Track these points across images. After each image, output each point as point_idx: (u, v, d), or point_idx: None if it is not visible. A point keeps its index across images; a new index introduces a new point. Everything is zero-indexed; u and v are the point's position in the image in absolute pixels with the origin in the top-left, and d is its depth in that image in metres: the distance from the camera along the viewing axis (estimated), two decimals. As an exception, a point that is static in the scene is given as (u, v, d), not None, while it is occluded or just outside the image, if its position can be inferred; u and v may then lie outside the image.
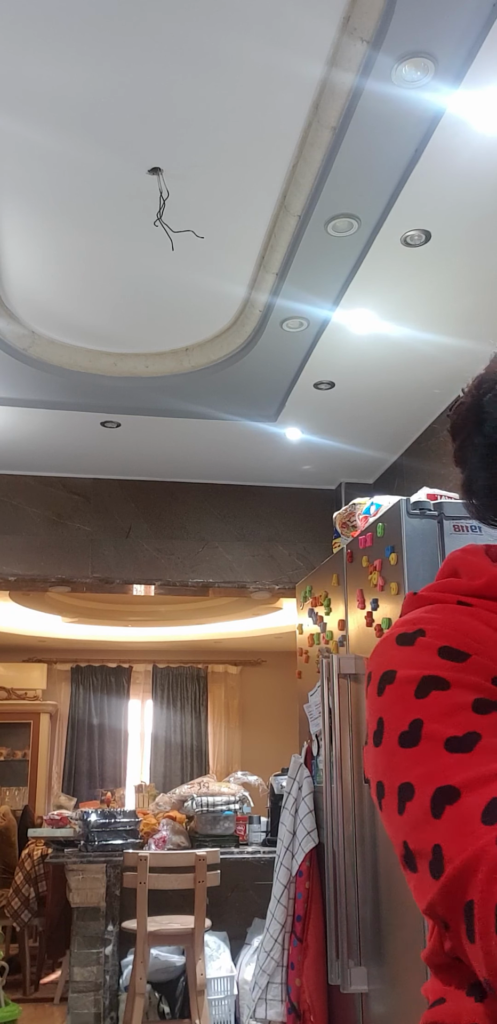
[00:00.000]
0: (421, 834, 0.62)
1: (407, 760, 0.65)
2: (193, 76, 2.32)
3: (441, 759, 0.63)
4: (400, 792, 0.65)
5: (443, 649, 0.68)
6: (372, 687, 0.71)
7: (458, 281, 3.17)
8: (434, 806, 0.61)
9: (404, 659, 0.69)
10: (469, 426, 0.83)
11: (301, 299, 3.28)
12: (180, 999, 3.88)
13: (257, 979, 3.03)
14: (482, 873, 0.57)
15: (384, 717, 0.68)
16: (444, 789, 0.61)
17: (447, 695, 0.65)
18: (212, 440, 4.69)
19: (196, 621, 8.20)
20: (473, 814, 0.59)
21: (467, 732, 0.63)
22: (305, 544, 5.37)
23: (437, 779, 0.62)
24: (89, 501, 5.20)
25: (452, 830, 0.60)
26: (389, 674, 0.69)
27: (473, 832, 0.58)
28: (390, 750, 0.67)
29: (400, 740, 0.66)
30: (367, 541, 2.72)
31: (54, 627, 8.39)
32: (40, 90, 2.36)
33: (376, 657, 0.73)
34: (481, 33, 2.12)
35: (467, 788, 0.60)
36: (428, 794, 0.62)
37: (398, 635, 0.72)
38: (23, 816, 6.72)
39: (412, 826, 0.63)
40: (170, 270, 3.17)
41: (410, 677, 0.67)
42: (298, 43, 2.21)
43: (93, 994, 3.75)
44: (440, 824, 0.61)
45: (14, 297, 3.38)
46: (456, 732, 0.63)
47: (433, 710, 0.65)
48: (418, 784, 0.63)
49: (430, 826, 0.61)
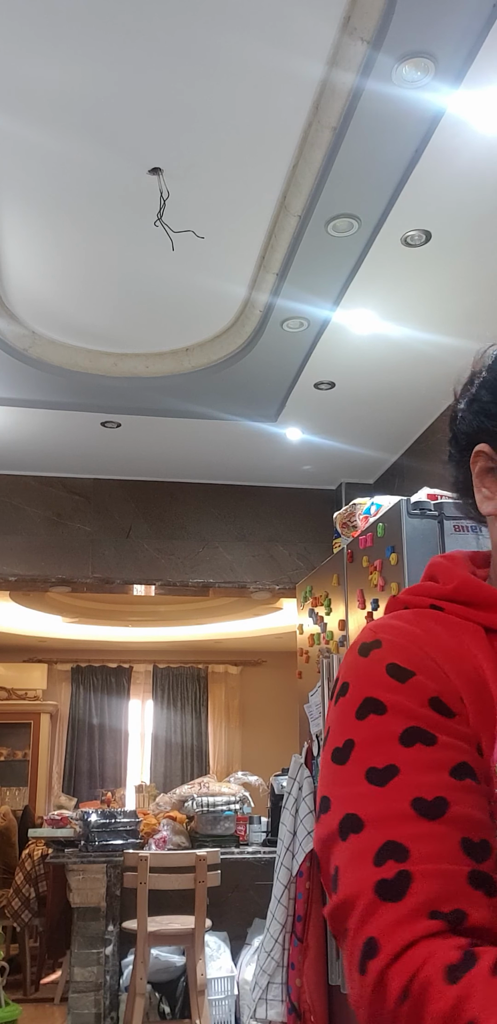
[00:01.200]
0: (327, 849, 0.67)
1: (333, 775, 0.69)
2: (193, 76, 2.32)
3: (359, 786, 0.66)
4: (321, 802, 0.69)
5: (390, 666, 0.70)
6: (334, 694, 0.74)
7: (458, 281, 3.17)
8: (341, 828, 0.65)
9: (357, 672, 0.72)
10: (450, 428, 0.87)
11: (301, 299, 3.28)
12: (180, 999, 3.88)
13: (257, 979, 3.03)
14: (357, 911, 0.61)
15: (331, 727, 0.72)
16: (353, 817, 0.65)
17: (381, 721, 0.68)
18: (212, 440, 4.69)
19: (196, 621, 8.20)
20: (368, 851, 0.62)
21: (387, 765, 0.65)
22: (305, 544, 5.36)
23: (350, 804, 0.66)
24: (89, 501, 5.20)
25: (349, 859, 0.64)
26: (344, 687, 0.73)
27: (363, 869, 0.62)
28: (325, 760, 0.71)
29: (333, 755, 0.70)
30: (367, 541, 2.72)
31: (54, 627, 8.39)
32: (40, 90, 2.36)
33: (342, 664, 0.76)
34: (481, 33, 2.12)
35: (370, 822, 0.64)
36: (339, 815, 0.66)
37: (360, 645, 0.74)
38: (23, 816, 6.72)
39: (322, 838, 0.68)
40: (170, 270, 3.17)
41: (355, 696, 0.70)
42: (298, 43, 2.21)
43: (93, 994, 3.75)
44: (343, 847, 0.65)
45: (14, 297, 3.38)
46: (377, 763, 0.66)
47: (365, 734, 0.68)
48: (334, 802, 0.67)
49: (335, 845, 0.65)
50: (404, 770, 0.65)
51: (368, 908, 0.60)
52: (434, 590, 0.80)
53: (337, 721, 0.71)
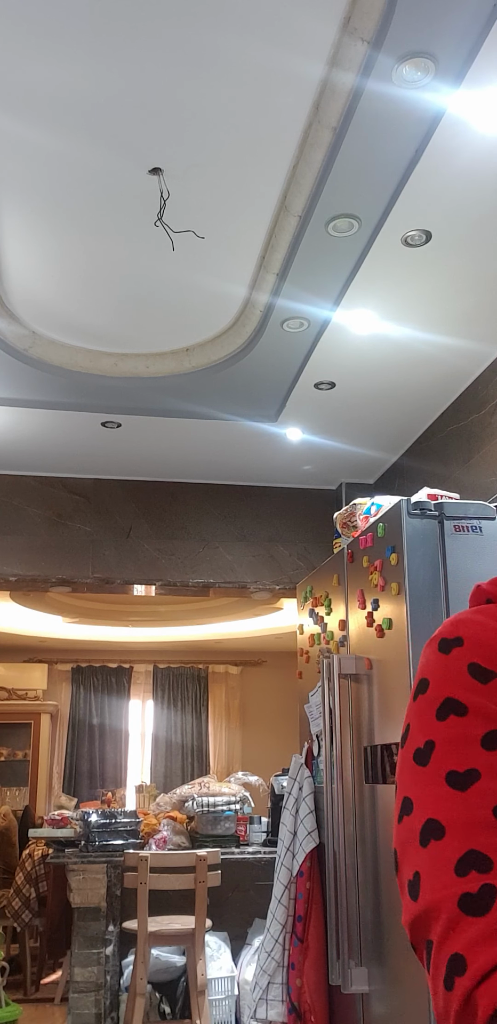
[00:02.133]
0: (408, 852, 0.66)
1: (414, 776, 0.68)
2: (194, 76, 2.32)
3: (439, 789, 0.65)
4: (403, 803, 0.68)
5: (472, 666, 0.69)
6: (413, 689, 0.73)
7: (459, 281, 3.17)
8: (423, 834, 0.64)
9: (438, 670, 0.71)
10: None
11: (302, 299, 3.28)
12: (181, 999, 3.88)
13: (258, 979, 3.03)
14: (440, 924, 0.60)
15: (411, 725, 0.71)
16: (434, 822, 0.64)
17: (462, 723, 0.67)
18: (213, 440, 4.69)
19: (197, 621, 8.20)
20: (450, 859, 0.62)
21: (468, 769, 0.64)
22: (306, 544, 5.36)
23: (431, 809, 0.65)
24: (90, 501, 5.20)
25: (432, 867, 0.63)
26: (423, 683, 0.72)
27: (445, 878, 0.61)
28: (406, 759, 0.70)
29: (414, 755, 0.69)
30: (368, 541, 2.72)
31: (55, 627, 8.39)
32: (41, 90, 2.37)
33: (422, 658, 0.75)
34: (482, 33, 2.12)
35: (452, 828, 0.63)
36: (421, 819, 0.65)
37: (441, 640, 0.73)
38: (24, 816, 6.72)
39: (402, 841, 0.67)
40: (171, 270, 3.17)
41: (436, 695, 0.69)
42: (299, 43, 2.21)
43: (94, 994, 3.75)
44: (424, 853, 0.64)
45: (15, 297, 3.38)
46: (458, 767, 0.65)
47: (446, 735, 0.67)
48: (416, 805, 0.66)
49: (416, 850, 0.65)
50: (486, 775, 0.64)
51: (452, 921, 0.60)
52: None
53: (417, 720, 0.70)
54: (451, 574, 2.40)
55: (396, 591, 2.48)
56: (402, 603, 2.43)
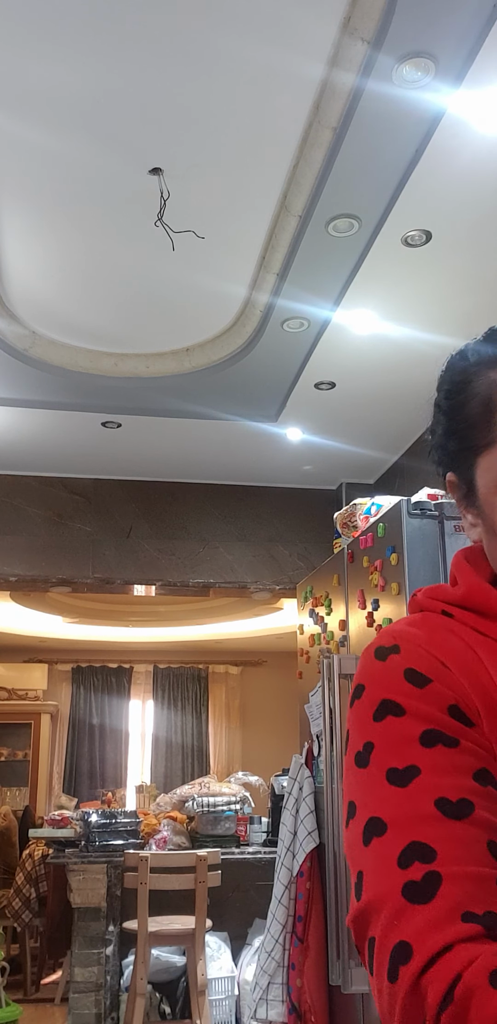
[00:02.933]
0: (353, 855, 0.65)
1: (356, 779, 0.67)
2: (194, 76, 2.32)
3: (380, 788, 0.64)
4: (348, 808, 0.68)
5: (408, 671, 0.69)
6: (350, 696, 0.73)
7: (459, 281, 3.17)
8: (365, 833, 0.64)
9: (374, 676, 0.71)
10: None
11: (302, 299, 3.28)
12: (181, 999, 3.88)
13: (258, 979, 3.03)
14: (384, 915, 0.59)
15: (350, 731, 0.71)
16: (375, 820, 0.63)
17: (399, 723, 0.66)
18: (213, 440, 4.69)
19: (197, 621, 8.20)
20: (392, 853, 0.61)
21: (408, 765, 0.64)
22: (306, 544, 5.36)
23: (372, 808, 0.64)
24: (90, 501, 5.20)
25: (374, 863, 0.62)
26: (359, 688, 0.71)
27: (387, 872, 0.60)
28: (349, 765, 0.70)
29: (355, 758, 0.68)
30: (368, 541, 2.72)
31: (55, 627, 8.39)
32: (40, 90, 2.37)
33: (358, 665, 0.75)
34: (482, 33, 2.12)
35: (393, 824, 0.62)
36: (363, 820, 0.64)
37: (377, 648, 0.73)
38: (24, 816, 6.72)
39: (350, 844, 0.66)
40: (171, 270, 3.17)
41: (372, 698, 0.69)
42: (299, 43, 2.21)
43: (94, 994, 3.75)
44: (367, 852, 0.63)
45: (15, 297, 3.38)
46: (398, 764, 0.64)
47: (384, 736, 0.67)
48: (359, 807, 0.66)
49: (360, 851, 0.64)
50: (425, 771, 0.63)
51: (396, 912, 0.58)
52: (448, 594, 0.77)
53: (355, 724, 0.70)
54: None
55: (396, 591, 2.48)
56: (402, 603, 2.43)
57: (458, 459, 0.78)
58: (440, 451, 0.81)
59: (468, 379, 0.79)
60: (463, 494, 0.79)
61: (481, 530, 0.77)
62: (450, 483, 0.80)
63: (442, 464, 0.82)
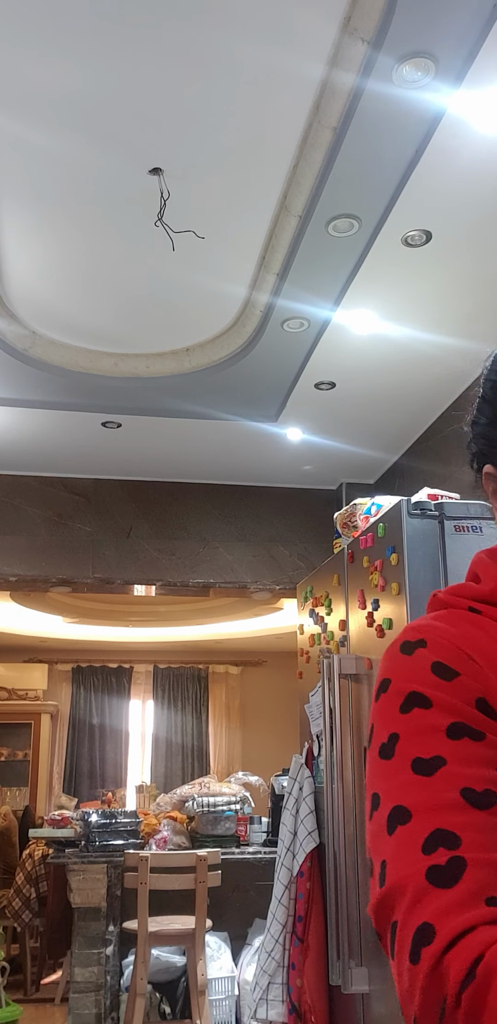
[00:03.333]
0: (377, 845, 0.65)
1: (381, 771, 0.68)
2: (194, 76, 2.32)
3: (405, 777, 0.65)
4: (372, 800, 0.68)
5: (436, 664, 0.69)
6: (374, 691, 0.74)
7: (459, 281, 3.17)
8: (390, 822, 0.64)
9: (400, 670, 0.71)
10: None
11: (302, 299, 3.28)
12: (181, 999, 3.88)
13: (258, 979, 3.03)
14: (407, 898, 0.59)
15: (375, 725, 0.71)
16: (400, 808, 0.64)
17: (426, 714, 0.67)
18: (213, 440, 4.69)
19: (197, 621, 8.20)
20: (416, 839, 0.61)
21: (434, 755, 0.64)
22: (306, 544, 5.36)
23: (397, 796, 0.65)
24: (90, 501, 5.20)
25: (397, 850, 0.62)
26: (385, 683, 0.72)
27: (411, 857, 0.61)
28: (373, 757, 0.70)
29: (380, 750, 0.69)
30: (368, 541, 2.72)
31: (55, 627, 8.39)
32: (41, 90, 2.37)
33: (383, 662, 0.75)
34: (482, 33, 2.12)
35: (418, 812, 0.63)
36: (388, 808, 0.65)
37: (403, 643, 0.74)
38: (24, 816, 6.72)
39: (373, 835, 0.66)
40: (171, 270, 3.17)
41: (399, 690, 0.70)
42: (299, 43, 2.21)
43: (94, 994, 3.75)
44: (390, 841, 0.63)
45: (15, 297, 3.38)
46: (423, 754, 0.65)
47: (410, 727, 0.67)
48: (383, 797, 0.66)
49: (383, 840, 0.64)
50: (451, 761, 0.64)
51: (419, 894, 0.59)
52: (474, 591, 0.78)
53: (380, 717, 0.71)
54: (451, 574, 2.40)
55: (396, 591, 2.48)
56: (402, 603, 2.43)
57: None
58: (482, 441, 0.82)
59: None
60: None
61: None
62: (488, 475, 0.81)
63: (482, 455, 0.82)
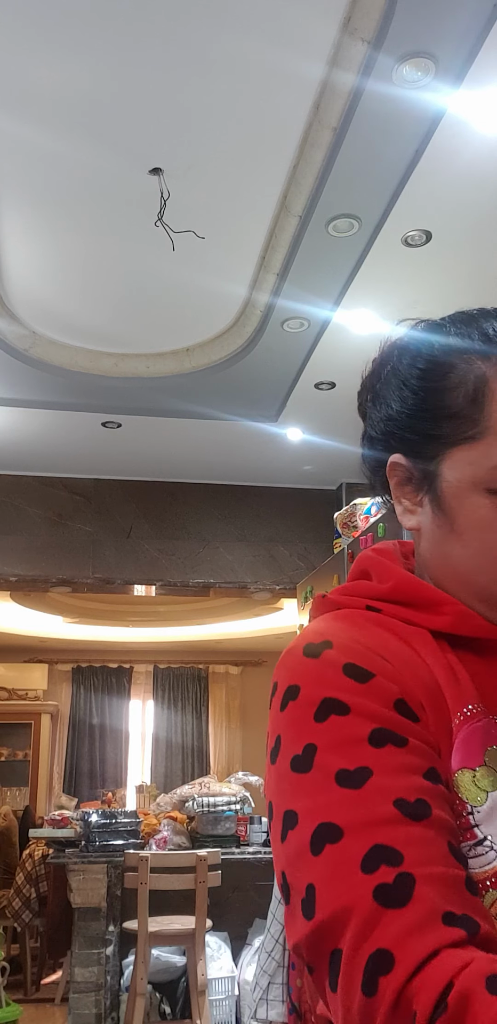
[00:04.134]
0: (298, 868, 0.59)
1: (296, 786, 0.62)
2: (194, 76, 2.32)
3: (329, 792, 0.59)
4: (284, 819, 0.62)
5: (348, 666, 0.64)
6: (276, 699, 0.67)
7: (459, 281, 3.17)
8: (314, 842, 0.58)
9: (309, 674, 0.65)
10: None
11: (302, 299, 3.28)
12: (181, 999, 3.88)
13: (258, 979, 3.03)
14: (354, 924, 0.54)
15: (282, 735, 0.65)
16: (327, 826, 0.58)
17: (345, 722, 0.61)
18: (213, 440, 4.69)
19: (197, 621, 8.21)
20: (353, 859, 0.56)
21: (359, 767, 0.59)
22: (306, 544, 5.36)
23: (321, 813, 0.59)
24: (90, 501, 5.20)
25: (329, 872, 0.57)
26: (293, 689, 0.65)
27: (350, 879, 0.55)
28: (282, 772, 0.63)
29: (292, 764, 0.62)
30: (368, 541, 2.72)
31: (55, 627, 8.39)
32: (41, 91, 2.36)
33: (282, 667, 0.69)
34: (482, 33, 2.12)
35: (351, 829, 0.57)
36: (310, 828, 0.59)
37: (305, 645, 0.67)
38: (24, 816, 6.72)
39: (291, 857, 0.60)
40: (171, 270, 3.17)
41: (311, 698, 0.63)
42: (299, 43, 2.21)
43: (94, 994, 3.75)
44: (317, 862, 0.57)
45: (15, 298, 3.38)
46: (348, 765, 0.59)
47: (328, 737, 0.61)
48: (302, 815, 0.60)
49: (307, 862, 0.58)
50: (378, 772, 0.59)
51: (368, 919, 0.53)
52: (369, 589, 0.74)
53: (290, 727, 0.64)
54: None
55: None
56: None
57: (419, 445, 0.73)
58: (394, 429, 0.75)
59: (452, 365, 0.75)
60: (409, 480, 0.75)
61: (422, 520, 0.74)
62: (395, 464, 0.75)
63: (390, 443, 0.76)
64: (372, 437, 0.80)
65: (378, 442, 0.78)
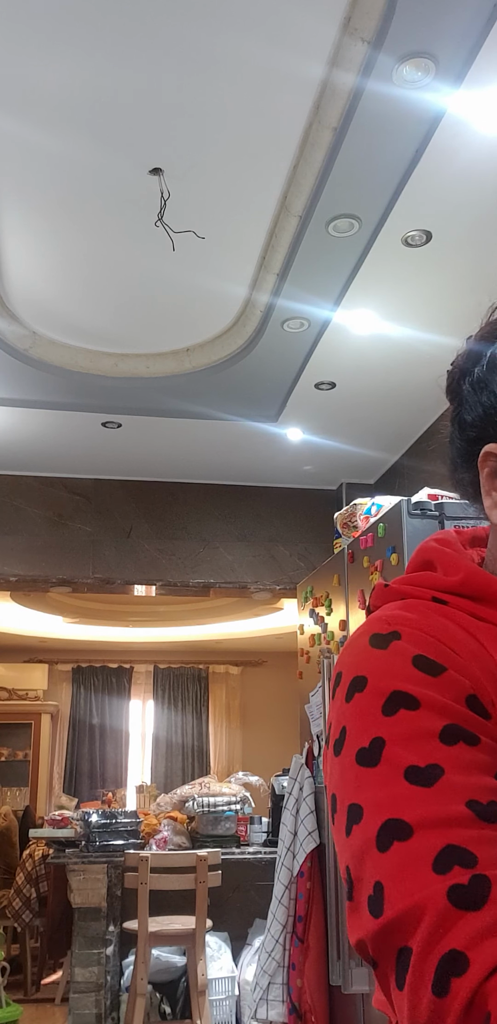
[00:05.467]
0: (364, 863, 0.58)
1: (362, 779, 0.60)
2: (194, 76, 2.32)
3: (397, 787, 0.57)
4: (349, 812, 0.60)
5: (418, 658, 0.62)
6: (341, 690, 0.65)
7: (459, 281, 3.17)
8: (381, 837, 0.56)
9: (376, 665, 0.63)
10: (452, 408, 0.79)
11: (302, 299, 3.28)
12: (181, 1000, 3.88)
13: (258, 979, 3.03)
14: (426, 924, 0.53)
15: (348, 727, 0.63)
16: (395, 822, 0.56)
17: (415, 716, 0.59)
18: (213, 440, 4.69)
19: (197, 621, 8.21)
20: (424, 858, 0.54)
21: (430, 764, 0.57)
22: (306, 544, 5.36)
23: (389, 809, 0.57)
24: (90, 501, 5.20)
25: (398, 870, 0.55)
26: (359, 680, 0.63)
27: (422, 878, 0.54)
28: (347, 764, 0.62)
29: (358, 756, 0.61)
30: (368, 541, 2.72)
31: (55, 627, 8.39)
32: (41, 90, 2.36)
33: (348, 656, 0.67)
34: (482, 33, 2.12)
35: (421, 827, 0.55)
36: (377, 823, 0.57)
37: (372, 635, 0.66)
38: (24, 816, 6.72)
39: (356, 852, 0.59)
40: (171, 270, 3.17)
41: (380, 689, 0.62)
42: (299, 43, 2.21)
43: (94, 995, 3.75)
44: (385, 859, 0.56)
45: (15, 298, 3.38)
46: (418, 761, 0.58)
47: (398, 730, 0.59)
48: (368, 809, 0.58)
49: (374, 858, 0.57)
50: (450, 770, 0.57)
51: (442, 918, 0.52)
52: (435, 581, 0.71)
53: (357, 718, 0.62)
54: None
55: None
56: (402, 603, 2.43)
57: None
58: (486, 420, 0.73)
59: None
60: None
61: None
62: (489, 454, 0.72)
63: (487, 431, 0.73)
64: (465, 422, 0.75)
65: (472, 427, 0.74)
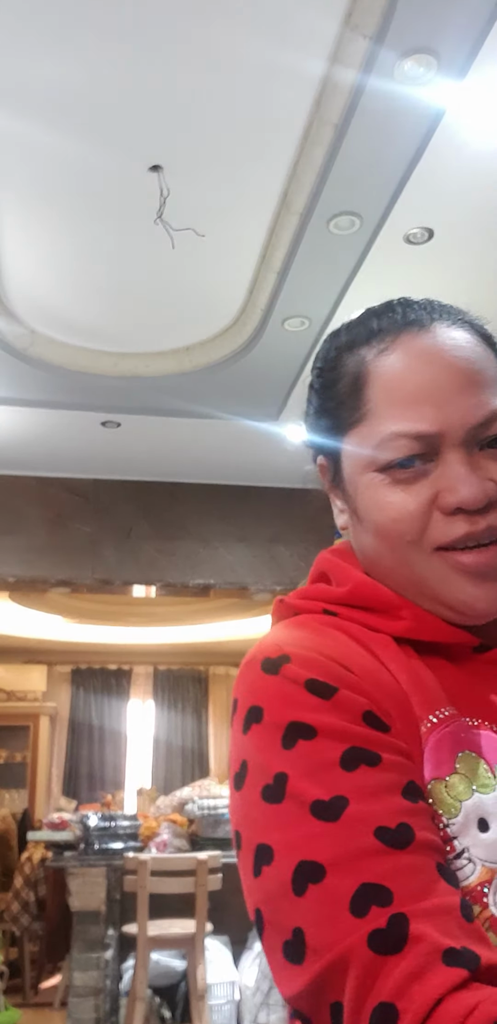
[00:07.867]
0: (279, 908, 0.56)
1: (269, 818, 0.58)
2: (194, 73, 2.30)
3: (305, 825, 0.56)
4: (258, 852, 0.58)
5: (310, 682, 0.61)
6: (238, 719, 0.64)
7: (461, 279, 3.15)
8: (296, 881, 0.55)
9: (270, 693, 0.62)
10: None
11: (303, 297, 3.27)
12: (181, 1004, 3.86)
13: (259, 984, 3.01)
14: (352, 977, 0.51)
15: (249, 761, 0.62)
16: (308, 864, 0.54)
17: (314, 746, 0.58)
18: (213, 440, 4.67)
19: (197, 622, 8.19)
20: (341, 901, 0.53)
21: (334, 796, 0.56)
22: (307, 545, 5.34)
23: (300, 850, 0.55)
24: (89, 502, 5.18)
25: (317, 915, 0.53)
26: (255, 711, 0.62)
27: (342, 924, 0.52)
28: (252, 800, 0.60)
29: (263, 793, 0.59)
30: (369, 542, 2.70)
31: (54, 629, 8.38)
32: (40, 88, 2.35)
33: (241, 684, 0.66)
34: (484, 29, 2.10)
35: (334, 866, 0.54)
36: (290, 865, 0.55)
37: (263, 660, 0.64)
38: (23, 819, 6.70)
39: (269, 895, 0.57)
40: (171, 269, 3.15)
41: (276, 722, 0.60)
42: (299, 39, 2.19)
43: (93, 999, 3.73)
44: (301, 903, 0.54)
45: (14, 296, 3.36)
46: (322, 795, 0.56)
47: (298, 764, 0.58)
48: (278, 850, 0.56)
49: (290, 902, 0.55)
50: (354, 799, 0.55)
51: (366, 969, 0.50)
52: (327, 593, 0.72)
53: (258, 752, 0.61)
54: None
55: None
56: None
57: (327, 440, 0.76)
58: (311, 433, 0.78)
59: (339, 356, 0.76)
60: (331, 477, 0.76)
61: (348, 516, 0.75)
62: (321, 467, 0.77)
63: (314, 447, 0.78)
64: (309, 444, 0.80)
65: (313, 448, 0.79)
